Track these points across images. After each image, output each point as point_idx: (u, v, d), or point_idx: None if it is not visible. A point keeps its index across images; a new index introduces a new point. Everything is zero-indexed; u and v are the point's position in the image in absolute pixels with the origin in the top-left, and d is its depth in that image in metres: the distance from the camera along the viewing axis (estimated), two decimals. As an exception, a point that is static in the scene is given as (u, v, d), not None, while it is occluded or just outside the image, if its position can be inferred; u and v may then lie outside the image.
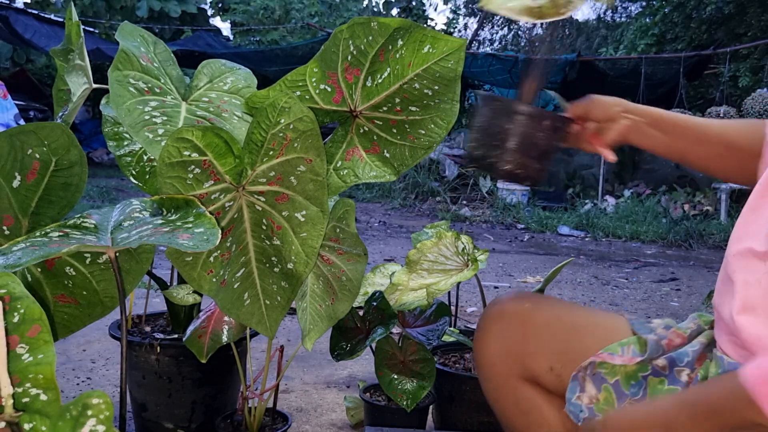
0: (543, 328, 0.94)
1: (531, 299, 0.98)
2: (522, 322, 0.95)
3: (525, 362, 0.94)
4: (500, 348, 0.95)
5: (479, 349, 0.99)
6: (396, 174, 1.22)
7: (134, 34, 1.24)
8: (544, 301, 0.98)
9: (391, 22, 1.09)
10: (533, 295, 1.00)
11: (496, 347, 0.96)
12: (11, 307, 0.64)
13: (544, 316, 0.95)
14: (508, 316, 0.96)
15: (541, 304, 0.97)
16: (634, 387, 0.85)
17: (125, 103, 1.13)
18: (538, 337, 0.93)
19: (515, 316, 0.96)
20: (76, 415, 0.59)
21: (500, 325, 0.96)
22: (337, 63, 1.13)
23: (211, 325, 1.30)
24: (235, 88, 1.31)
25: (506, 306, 0.98)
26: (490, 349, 0.97)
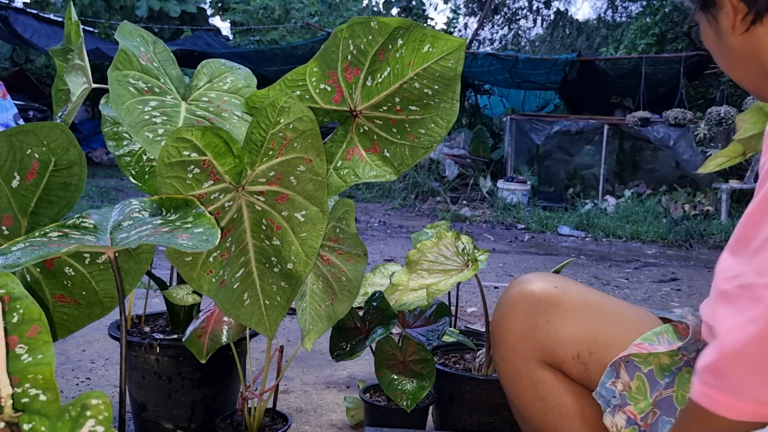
0: (572, 313, 0.91)
1: (559, 282, 0.95)
2: (550, 305, 0.92)
3: (549, 347, 0.91)
4: (523, 329, 0.93)
5: (499, 328, 0.96)
6: (396, 173, 1.22)
7: (134, 33, 1.24)
8: (573, 285, 0.95)
9: (390, 21, 1.09)
10: (561, 277, 0.97)
11: (518, 328, 0.93)
12: (10, 308, 0.63)
13: (574, 301, 0.92)
14: (534, 297, 0.93)
15: (570, 288, 0.94)
16: (668, 377, 0.84)
17: (125, 103, 1.13)
18: (566, 322, 0.91)
19: (542, 297, 0.93)
20: (75, 415, 0.59)
21: (525, 305, 0.93)
22: (337, 62, 1.13)
23: (210, 325, 1.30)
24: (235, 88, 1.30)
25: (533, 286, 0.94)
26: (511, 330, 0.94)
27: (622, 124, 7.73)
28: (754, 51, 0.79)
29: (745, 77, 0.83)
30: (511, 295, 0.96)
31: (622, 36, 12.02)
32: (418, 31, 1.10)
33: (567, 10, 20.89)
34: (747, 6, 0.77)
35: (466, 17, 16.41)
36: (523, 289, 0.95)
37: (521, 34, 17.12)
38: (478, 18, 15.38)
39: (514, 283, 0.98)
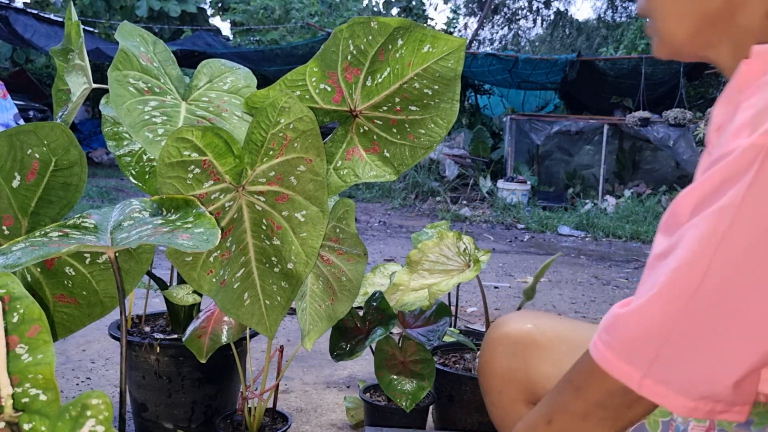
0: (547, 351, 0.92)
1: (534, 319, 0.96)
2: (525, 346, 0.93)
3: (531, 387, 0.92)
4: (505, 372, 0.94)
5: (484, 374, 0.97)
6: (396, 173, 1.22)
7: (134, 33, 1.24)
8: (547, 320, 0.96)
9: (390, 21, 1.09)
10: (536, 314, 0.98)
11: (501, 372, 0.94)
12: (11, 307, 0.64)
13: (548, 337, 0.93)
14: (510, 340, 0.94)
15: (544, 324, 0.95)
16: None
17: (125, 103, 1.13)
18: (542, 361, 0.92)
19: (518, 339, 0.94)
20: (76, 415, 0.59)
21: (503, 348, 0.94)
22: (337, 62, 1.13)
23: (210, 325, 1.30)
24: (235, 88, 1.30)
25: (508, 328, 0.96)
26: (495, 374, 0.95)
27: (622, 124, 7.73)
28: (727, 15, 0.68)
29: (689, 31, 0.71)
30: (490, 339, 0.97)
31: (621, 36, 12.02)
32: (418, 31, 1.10)
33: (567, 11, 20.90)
34: None
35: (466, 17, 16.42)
36: (500, 332, 0.96)
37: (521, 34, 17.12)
38: (478, 18, 15.38)
39: (493, 326, 0.99)
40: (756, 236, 0.57)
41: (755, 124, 0.57)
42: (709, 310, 0.59)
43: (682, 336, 0.60)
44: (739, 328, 0.58)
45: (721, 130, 0.64)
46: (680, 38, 0.73)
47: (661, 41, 0.75)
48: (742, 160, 0.57)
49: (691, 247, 0.60)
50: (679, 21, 0.71)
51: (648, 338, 0.61)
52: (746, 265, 0.57)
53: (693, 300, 0.59)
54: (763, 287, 0.57)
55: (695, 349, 0.60)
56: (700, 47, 0.73)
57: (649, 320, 0.62)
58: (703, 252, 0.59)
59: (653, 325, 0.61)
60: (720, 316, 0.59)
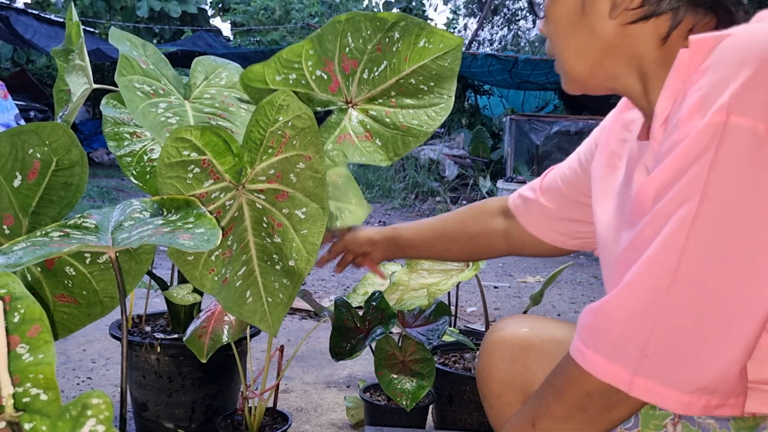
0: (543, 353, 0.92)
1: (530, 323, 0.96)
2: (522, 350, 0.93)
3: (528, 390, 0.92)
4: (503, 377, 0.94)
5: (482, 379, 0.97)
6: (389, 160, 1.22)
7: (122, 38, 1.24)
8: (544, 324, 0.96)
9: (388, 15, 1.09)
10: (532, 318, 0.98)
11: (499, 376, 0.94)
12: (11, 307, 0.64)
13: (543, 340, 0.93)
14: (507, 344, 0.95)
15: (540, 327, 0.95)
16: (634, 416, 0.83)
17: (138, 107, 1.14)
18: (538, 363, 0.92)
19: (515, 343, 0.94)
20: (76, 415, 0.59)
21: (500, 353, 0.95)
22: (334, 52, 1.12)
23: (211, 324, 1.30)
24: (232, 83, 1.31)
25: (505, 333, 0.96)
26: (493, 379, 0.95)
27: (623, 124, 7.71)
28: (626, 47, 0.71)
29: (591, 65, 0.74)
30: (487, 344, 0.98)
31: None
32: (414, 25, 1.11)
33: (567, 11, 20.81)
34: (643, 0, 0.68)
35: (466, 18, 16.42)
36: (497, 337, 0.97)
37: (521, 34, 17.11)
38: (478, 19, 15.38)
39: (489, 332, 0.99)
40: (726, 212, 0.56)
41: (706, 106, 0.57)
42: (691, 294, 0.58)
43: (667, 326, 0.59)
44: (724, 309, 0.57)
45: (668, 122, 0.64)
46: (583, 73, 0.76)
47: (567, 77, 0.78)
48: (699, 141, 0.57)
49: (662, 231, 0.59)
50: (579, 57, 0.75)
51: (632, 334, 0.60)
52: (721, 243, 0.56)
53: (673, 286, 0.58)
54: (741, 263, 0.56)
55: (682, 339, 0.58)
56: (605, 79, 0.76)
57: (630, 315, 0.60)
58: (676, 235, 0.58)
59: (635, 319, 0.60)
60: (702, 299, 0.57)
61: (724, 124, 0.56)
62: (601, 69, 0.74)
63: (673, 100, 0.65)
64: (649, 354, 0.59)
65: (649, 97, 0.72)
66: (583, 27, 0.73)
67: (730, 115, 0.55)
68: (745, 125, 0.55)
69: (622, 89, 0.76)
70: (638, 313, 0.60)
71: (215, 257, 1.10)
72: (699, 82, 0.59)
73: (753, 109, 0.55)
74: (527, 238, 1.06)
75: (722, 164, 0.56)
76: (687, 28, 0.68)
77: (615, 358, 0.61)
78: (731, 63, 0.57)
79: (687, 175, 0.58)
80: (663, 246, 0.58)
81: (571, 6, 0.73)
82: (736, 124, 0.55)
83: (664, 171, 0.60)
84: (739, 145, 0.55)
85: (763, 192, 0.55)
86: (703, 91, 0.58)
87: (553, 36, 0.77)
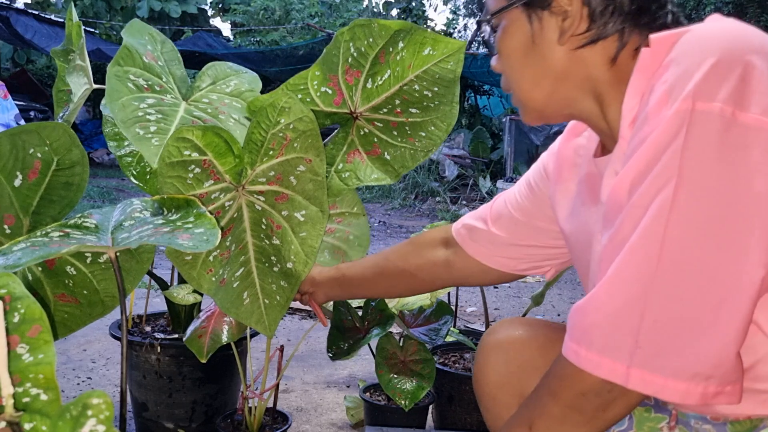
0: (537, 355, 0.93)
1: (524, 326, 0.97)
2: (517, 351, 0.94)
3: (524, 392, 0.92)
4: (499, 379, 0.95)
5: (479, 381, 0.98)
6: (396, 176, 1.22)
7: (143, 31, 1.25)
8: (537, 326, 0.97)
9: (392, 24, 1.09)
10: (525, 320, 0.99)
11: (494, 378, 0.95)
12: (12, 307, 0.64)
13: (538, 342, 0.94)
14: (503, 346, 0.95)
15: (534, 330, 0.96)
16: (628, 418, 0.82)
17: (121, 99, 1.13)
18: (533, 364, 0.92)
19: (510, 345, 0.95)
20: (77, 415, 0.59)
21: (496, 355, 0.96)
22: (337, 65, 1.13)
23: (211, 324, 1.30)
24: (238, 91, 1.31)
25: (500, 335, 0.97)
26: (489, 382, 0.96)
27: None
28: (578, 71, 0.73)
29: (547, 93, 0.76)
30: (483, 347, 0.98)
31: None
32: (418, 33, 1.11)
33: (567, 11, 20.79)
34: (590, 23, 0.70)
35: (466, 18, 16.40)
36: (493, 339, 0.97)
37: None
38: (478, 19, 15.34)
39: (485, 335, 1.00)
40: (702, 194, 0.57)
41: (673, 96, 0.59)
42: (677, 278, 0.58)
43: (656, 313, 0.58)
44: (711, 289, 0.57)
45: (636, 121, 0.65)
46: (540, 102, 0.77)
47: (525, 109, 0.80)
48: (669, 129, 0.58)
49: (641, 221, 0.59)
50: (535, 87, 0.76)
51: (622, 325, 0.60)
52: (701, 225, 0.57)
53: (658, 272, 0.58)
54: (723, 243, 0.57)
55: (673, 324, 0.58)
56: (562, 106, 0.77)
57: (618, 306, 0.60)
58: (655, 223, 0.58)
59: (623, 310, 0.60)
60: (689, 282, 0.57)
61: (691, 110, 0.57)
62: (557, 96, 0.76)
63: (639, 98, 0.66)
64: (642, 344, 0.59)
65: (607, 116, 0.74)
66: (535, 57, 0.74)
67: (696, 102, 0.57)
68: (711, 109, 0.57)
69: (579, 113, 0.77)
70: (626, 303, 0.60)
71: (213, 258, 1.11)
72: (664, 75, 0.61)
73: (717, 94, 0.57)
74: (473, 267, 1.05)
75: (693, 148, 0.57)
76: (633, 47, 0.71)
77: (608, 352, 0.61)
78: (693, 55, 0.59)
79: (660, 164, 0.59)
80: (644, 234, 0.59)
81: (521, 38, 0.75)
82: (702, 110, 0.57)
83: (636, 163, 0.61)
84: (708, 129, 0.57)
85: (735, 171, 0.56)
86: (668, 83, 0.60)
87: (507, 70, 0.79)
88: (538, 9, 0.72)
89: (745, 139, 0.56)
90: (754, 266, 0.57)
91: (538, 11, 0.73)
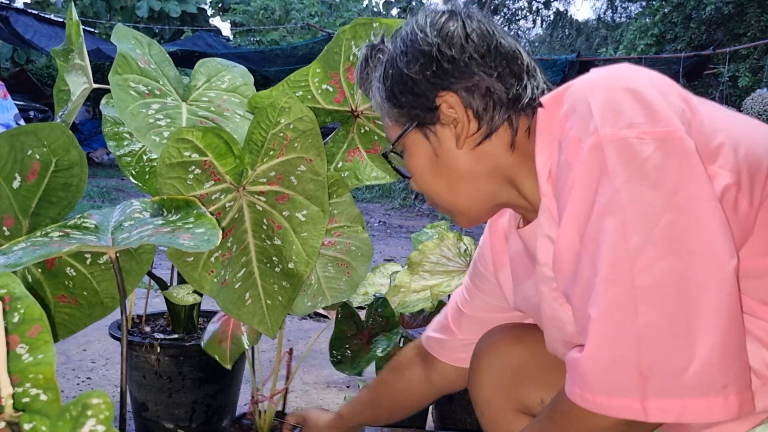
0: (530, 360, 0.93)
1: (517, 330, 0.98)
2: (510, 356, 0.95)
3: (518, 396, 0.93)
4: (492, 383, 0.96)
5: (473, 385, 0.99)
6: (395, 175, 1.22)
7: (128, 36, 1.24)
8: (532, 330, 0.97)
9: (392, 22, 1.09)
10: (520, 325, 1.00)
11: (488, 383, 0.96)
12: (11, 307, 0.64)
13: (530, 347, 0.94)
14: (496, 351, 0.96)
15: (527, 334, 0.96)
16: None
17: (128, 107, 1.13)
18: (526, 369, 0.93)
19: (503, 350, 0.96)
20: (76, 415, 0.59)
21: (490, 360, 0.96)
22: (339, 63, 1.13)
23: (230, 329, 1.29)
24: (233, 86, 1.31)
25: (494, 341, 0.98)
26: (483, 385, 0.97)
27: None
28: (485, 165, 0.77)
29: (466, 195, 0.80)
30: (478, 353, 0.99)
31: (621, 36, 12.02)
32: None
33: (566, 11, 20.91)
34: (479, 121, 0.75)
35: (466, 17, 16.37)
36: (487, 345, 0.98)
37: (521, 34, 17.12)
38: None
39: (480, 340, 1.01)
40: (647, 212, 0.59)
41: (582, 137, 0.63)
42: (656, 300, 0.58)
43: (649, 338, 0.58)
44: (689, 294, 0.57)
45: (552, 174, 0.69)
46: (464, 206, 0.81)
47: (453, 215, 0.84)
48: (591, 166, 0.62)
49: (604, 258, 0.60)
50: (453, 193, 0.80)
51: (622, 363, 0.60)
52: (660, 240, 0.58)
53: (637, 297, 0.58)
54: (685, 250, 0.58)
55: (668, 341, 0.58)
56: (485, 202, 0.81)
57: (611, 347, 0.60)
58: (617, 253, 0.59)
59: (617, 348, 0.60)
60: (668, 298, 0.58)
61: (602, 143, 0.61)
62: (477, 195, 0.80)
63: (548, 152, 0.70)
64: (647, 373, 0.59)
65: (524, 193, 0.78)
66: (443, 167, 0.79)
67: (603, 133, 0.61)
68: (621, 135, 0.60)
69: (502, 202, 0.81)
70: (618, 340, 0.60)
71: (215, 259, 1.10)
72: (566, 124, 0.65)
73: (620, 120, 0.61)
74: (452, 374, 1.08)
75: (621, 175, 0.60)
76: (525, 128, 0.76)
77: (617, 392, 0.60)
78: (583, 99, 0.64)
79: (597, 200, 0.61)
80: (610, 268, 0.60)
81: (425, 155, 0.80)
82: (613, 138, 0.60)
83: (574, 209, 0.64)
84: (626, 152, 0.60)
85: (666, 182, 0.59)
86: (574, 128, 0.64)
87: (424, 186, 0.83)
88: (429, 125, 0.77)
89: (662, 151, 0.59)
90: (724, 260, 0.58)
91: (430, 127, 0.77)
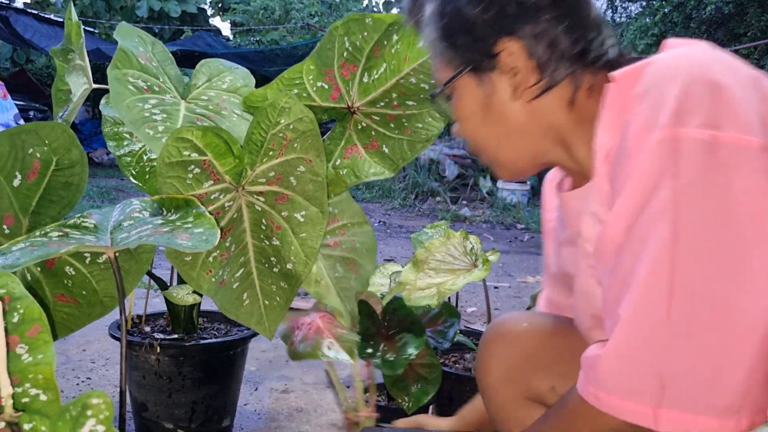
0: (542, 348, 0.93)
1: (528, 319, 0.97)
2: (521, 344, 0.94)
3: (528, 383, 0.93)
4: (502, 371, 0.95)
5: (481, 373, 0.98)
6: (395, 169, 1.22)
7: (132, 34, 1.24)
8: (541, 319, 0.97)
9: (385, 17, 1.09)
10: (530, 314, 0.99)
11: (498, 370, 0.95)
12: (11, 307, 0.64)
13: (542, 335, 0.94)
14: (507, 339, 0.95)
15: (539, 322, 0.96)
16: None
17: (125, 101, 1.13)
18: (538, 357, 0.92)
19: (514, 337, 0.95)
20: (76, 415, 0.59)
21: (500, 348, 0.95)
22: (333, 60, 1.12)
23: None
24: (234, 87, 1.31)
25: (504, 328, 0.97)
26: (492, 373, 0.96)
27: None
28: (538, 122, 0.73)
29: (514, 149, 0.77)
30: (487, 340, 0.98)
31: (621, 36, 12.01)
32: (413, 27, 1.10)
33: (567, 11, 20.79)
34: (540, 73, 0.71)
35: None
36: (497, 332, 0.97)
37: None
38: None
39: (489, 327, 1.00)
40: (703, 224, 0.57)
41: (651, 128, 0.59)
42: (691, 311, 0.57)
43: (677, 350, 0.58)
44: (727, 317, 0.56)
45: (611, 156, 0.66)
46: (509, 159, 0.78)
47: (497, 167, 0.81)
48: (654, 160, 0.59)
49: (644, 258, 0.58)
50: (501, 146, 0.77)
51: (644, 368, 0.59)
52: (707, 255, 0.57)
53: (671, 309, 0.57)
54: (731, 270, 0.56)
55: (695, 358, 0.57)
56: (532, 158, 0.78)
57: (637, 349, 0.59)
58: (662, 259, 0.58)
59: (643, 352, 0.59)
60: (703, 313, 0.57)
61: (671, 139, 0.57)
62: (525, 150, 0.77)
63: (611, 133, 0.67)
64: (668, 383, 0.58)
65: (575, 156, 0.75)
66: (494, 117, 0.75)
67: (675, 129, 0.58)
68: (691, 135, 0.57)
69: (549, 161, 0.79)
70: (645, 344, 0.59)
71: (213, 258, 1.10)
72: (636, 108, 0.62)
73: (693, 119, 0.57)
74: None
75: (683, 177, 0.57)
76: (588, 86, 0.72)
77: (631, 396, 0.60)
78: (662, 84, 0.60)
79: (653, 197, 0.58)
80: (651, 272, 0.58)
81: (476, 102, 0.76)
82: (683, 137, 0.57)
83: (628, 199, 0.61)
84: (692, 154, 0.57)
85: (726, 194, 0.56)
86: (643, 115, 0.60)
87: (470, 135, 0.79)
88: (486, 71, 0.73)
89: (729, 160, 0.57)
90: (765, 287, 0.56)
91: (486, 73, 0.73)
